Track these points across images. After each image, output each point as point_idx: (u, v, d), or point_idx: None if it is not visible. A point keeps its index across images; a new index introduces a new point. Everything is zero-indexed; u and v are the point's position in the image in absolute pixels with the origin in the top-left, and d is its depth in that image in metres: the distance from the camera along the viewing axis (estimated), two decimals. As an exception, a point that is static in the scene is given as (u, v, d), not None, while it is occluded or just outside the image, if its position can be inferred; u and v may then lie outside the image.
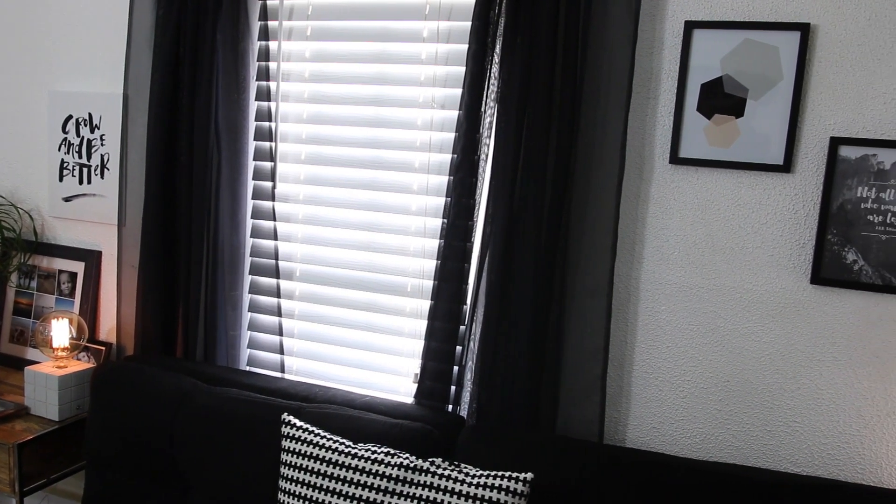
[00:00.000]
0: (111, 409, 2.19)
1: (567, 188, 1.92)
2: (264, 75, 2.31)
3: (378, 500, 1.74)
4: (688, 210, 1.93)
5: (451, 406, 2.12)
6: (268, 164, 2.35)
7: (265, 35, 2.30)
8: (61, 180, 2.65)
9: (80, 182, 2.61)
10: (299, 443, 1.86)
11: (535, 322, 1.95)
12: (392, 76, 2.19)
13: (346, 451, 1.81)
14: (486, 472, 1.73)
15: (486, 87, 1.98)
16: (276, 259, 2.36)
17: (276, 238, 2.35)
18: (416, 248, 2.21)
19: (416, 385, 2.14)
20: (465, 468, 1.76)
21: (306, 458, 1.83)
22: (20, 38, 2.67)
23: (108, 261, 2.61)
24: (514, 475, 1.71)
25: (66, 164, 2.63)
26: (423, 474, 1.75)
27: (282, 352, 2.38)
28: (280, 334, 2.38)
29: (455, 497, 1.71)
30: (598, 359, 1.97)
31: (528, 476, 1.71)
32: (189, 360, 2.38)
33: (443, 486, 1.72)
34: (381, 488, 1.75)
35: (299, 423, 1.90)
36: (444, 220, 2.05)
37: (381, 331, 2.27)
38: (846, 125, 1.79)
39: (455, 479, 1.73)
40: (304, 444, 1.85)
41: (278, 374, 2.38)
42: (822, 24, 1.78)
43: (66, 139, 2.62)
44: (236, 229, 2.35)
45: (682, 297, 1.96)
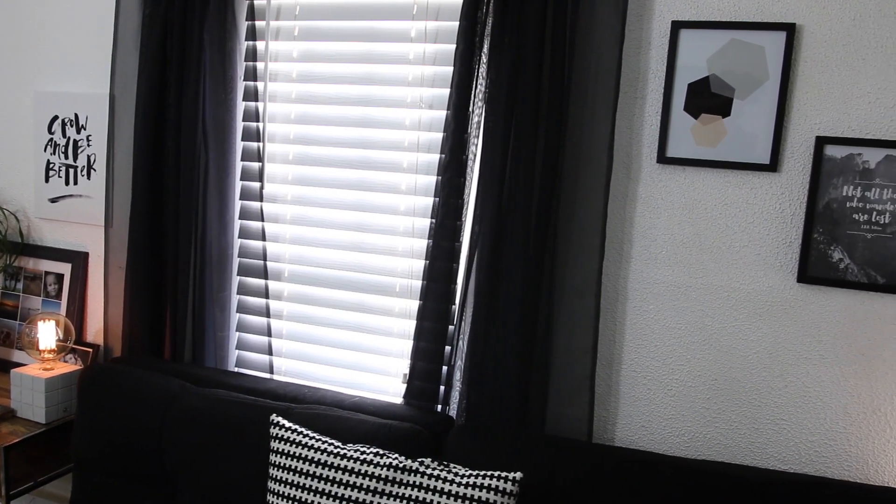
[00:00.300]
0: (98, 411, 2.17)
1: (555, 188, 1.92)
2: (252, 75, 2.31)
3: (367, 501, 1.74)
4: (675, 209, 1.94)
5: (440, 406, 2.12)
6: (255, 165, 2.34)
7: (252, 35, 2.29)
8: (47, 181, 2.63)
9: (67, 183, 2.60)
10: (288, 444, 1.85)
11: (524, 322, 1.96)
12: (380, 76, 2.19)
13: (335, 451, 1.81)
14: (475, 472, 1.74)
15: (473, 87, 1.98)
16: (265, 260, 2.35)
17: (264, 239, 2.35)
18: (404, 249, 2.21)
19: (405, 385, 2.14)
20: (455, 468, 1.76)
21: (295, 459, 1.83)
22: (5, 38, 2.65)
23: (94, 262, 2.60)
24: (504, 475, 1.71)
25: (52, 165, 2.61)
26: (413, 474, 1.75)
27: (270, 353, 2.38)
28: (269, 335, 2.37)
29: (444, 497, 1.71)
30: (586, 358, 1.97)
31: (518, 475, 1.71)
32: (177, 362, 2.37)
33: (432, 487, 1.72)
34: (371, 489, 1.75)
35: (288, 423, 1.89)
36: (433, 220, 2.05)
37: (370, 331, 2.27)
38: (832, 124, 1.80)
39: (444, 479, 1.73)
40: (293, 444, 1.84)
41: (267, 375, 2.37)
42: (807, 24, 1.79)
43: (52, 140, 2.60)
44: (224, 230, 2.34)
45: (669, 296, 1.96)
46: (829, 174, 1.80)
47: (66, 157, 2.59)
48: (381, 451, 1.81)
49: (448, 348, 2.10)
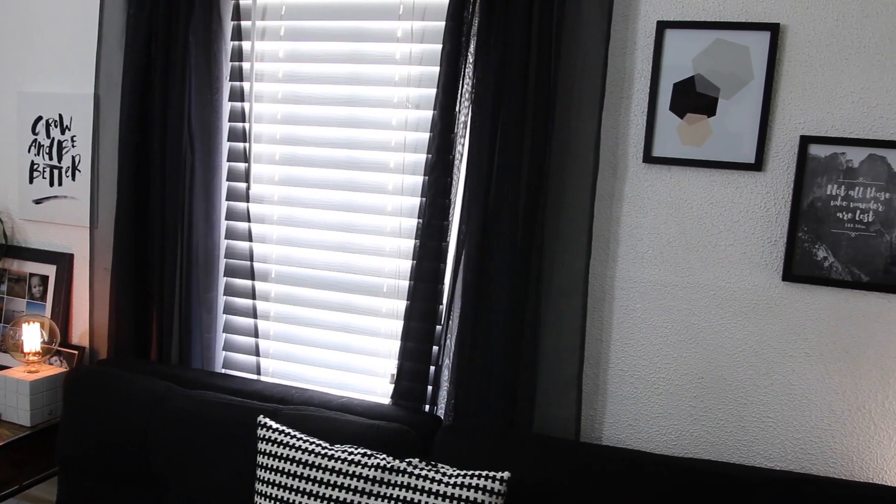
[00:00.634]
0: (84, 413, 2.16)
1: (542, 187, 1.93)
2: (238, 76, 2.30)
3: (355, 502, 1.74)
4: (661, 209, 1.95)
5: (427, 406, 2.12)
6: (242, 165, 2.33)
7: (238, 35, 2.28)
8: (31, 182, 2.61)
9: (51, 184, 2.58)
10: (275, 445, 1.84)
11: (511, 321, 1.96)
12: (366, 76, 2.19)
13: (322, 452, 1.80)
14: (463, 472, 1.74)
15: (460, 87, 1.98)
16: (251, 260, 2.34)
17: (250, 239, 2.34)
18: (391, 249, 2.20)
19: (392, 385, 2.14)
20: (443, 468, 1.76)
21: (283, 460, 1.82)
22: (-12, 38, 2.63)
23: (80, 263, 2.58)
24: (492, 474, 1.71)
25: (36, 166, 2.59)
26: (401, 475, 1.74)
27: (258, 354, 2.37)
28: (256, 336, 2.36)
29: (432, 497, 1.71)
30: (573, 357, 1.98)
31: (506, 475, 1.71)
32: (163, 364, 2.35)
33: (420, 487, 1.72)
34: (358, 489, 1.74)
35: (275, 425, 1.89)
36: (420, 220, 2.05)
37: (358, 331, 2.27)
38: (816, 124, 1.81)
39: (432, 480, 1.73)
40: (281, 445, 1.84)
41: (254, 377, 2.36)
42: (791, 25, 1.80)
43: (35, 140, 2.58)
44: (210, 231, 2.32)
45: (656, 295, 1.97)
46: (813, 173, 1.81)
47: (51, 158, 2.57)
48: (369, 452, 1.80)
49: (435, 348, 2.10)
